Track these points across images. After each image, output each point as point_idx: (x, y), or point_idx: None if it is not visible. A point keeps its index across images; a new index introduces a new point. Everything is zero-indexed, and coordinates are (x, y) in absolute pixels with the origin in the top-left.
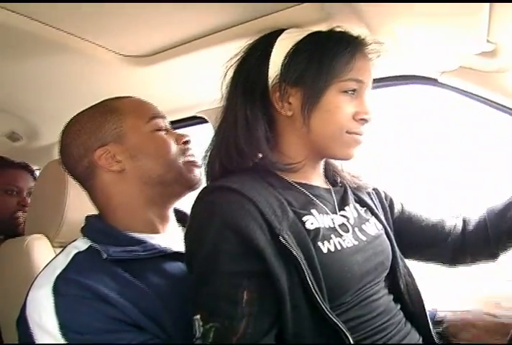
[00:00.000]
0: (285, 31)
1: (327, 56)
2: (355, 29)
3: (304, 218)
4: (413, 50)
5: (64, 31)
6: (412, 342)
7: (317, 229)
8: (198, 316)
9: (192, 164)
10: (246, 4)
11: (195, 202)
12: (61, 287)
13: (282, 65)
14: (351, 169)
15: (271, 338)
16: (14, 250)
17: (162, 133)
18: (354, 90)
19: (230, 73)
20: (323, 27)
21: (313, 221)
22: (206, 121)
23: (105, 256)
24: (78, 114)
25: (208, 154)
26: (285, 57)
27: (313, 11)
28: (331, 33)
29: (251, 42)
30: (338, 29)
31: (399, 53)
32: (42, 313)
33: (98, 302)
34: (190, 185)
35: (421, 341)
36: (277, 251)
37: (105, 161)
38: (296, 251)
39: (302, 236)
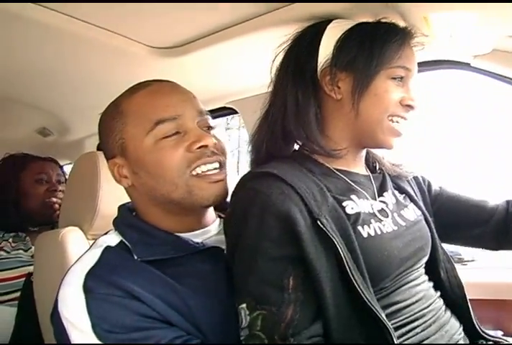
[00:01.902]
0: (334, 21)
1: (378, 43)
2: (386, 15)
3: (344, 203)
4: (446, 35)
5: (93, 24)
6: (452, 330)
7: (357, 214)
8: (243, 305)
9: (204, 176)
10: None
11: (236, 189)
12: (91, 285)
13: (333, 50)
14: (392, 158)
15: (318, 326)
16: (49, 243)
17: (170, 140)
18: (401, 78)
19: (278, 60)
20: (355, 15)
21: (354, 205)
22: (236, 112)
23: (136, 257)
24: (101, 114)
25: (254, 139)
26: (337, 42)
27: None
28: (380, 23)
29: (299, 30)
30: (384, 20)
31: (432, 38)
32: (74, 312)
33: (129, 299)
34: (203, 205)
35: (461, 330)
36: (317, 236)
37: (116, 174)
38: (334, 235)
39: (342, 221)
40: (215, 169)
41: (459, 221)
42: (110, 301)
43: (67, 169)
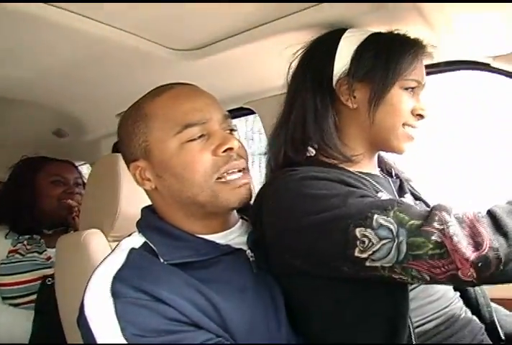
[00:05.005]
0: (348, 31)
1: (393, 55)
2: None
3: (379, 194)
4: (468, 35)
5: (112, 26)
6: (475, 330)
7: None
8: (375, 217)
9: (229, 182)
10: None
11: (266, 185)
12: (119, 289)
13: (350, 61)
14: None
15: None
16: (71, 245)
17: (196, 143)
18: (412, 89)
19: (292, 68)
20: (374, 21)
21: (386, 197)
22: (253, 112)
23: (162, 260)
24: (122, 116)
25: (272, 144)
26: (353, 54)
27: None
28: (394, 35)
29: (314, 39)
30: (396, 30)
31: (453, 39)
32: (102, 316)
33: (157, 303)
34: (229, 208)
35: (483, 330)
36: None
37: (138, 177)
38: None
39: None
40: (239, 172)
41: None
42: (138, 305)
43: (82, 169)
